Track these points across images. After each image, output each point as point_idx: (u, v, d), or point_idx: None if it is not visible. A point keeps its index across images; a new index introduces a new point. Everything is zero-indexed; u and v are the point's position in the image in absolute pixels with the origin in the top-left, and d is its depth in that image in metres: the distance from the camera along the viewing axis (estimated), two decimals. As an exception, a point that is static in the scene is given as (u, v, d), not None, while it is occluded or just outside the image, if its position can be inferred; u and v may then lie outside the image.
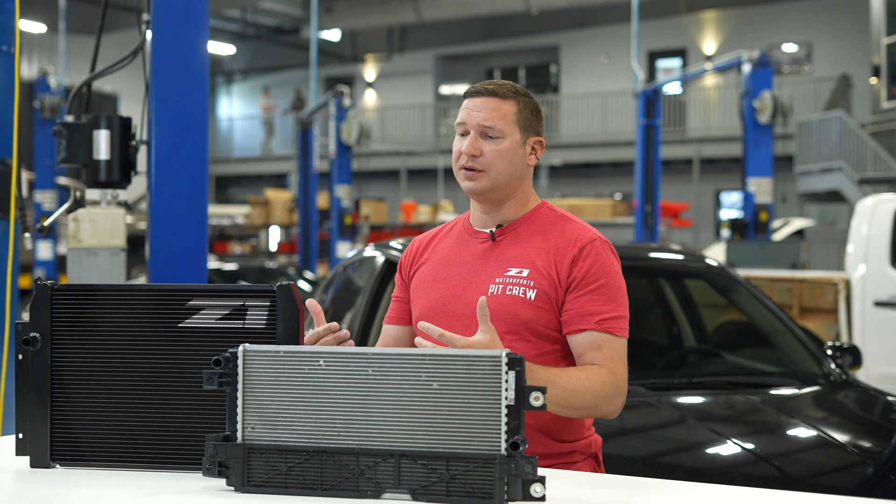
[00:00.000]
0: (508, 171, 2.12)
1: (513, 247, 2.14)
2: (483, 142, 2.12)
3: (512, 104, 2.13)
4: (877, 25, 15.32)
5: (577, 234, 2.11)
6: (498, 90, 2.13)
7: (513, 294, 2.07)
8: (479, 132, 2.12)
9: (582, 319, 2.04)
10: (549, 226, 2.15)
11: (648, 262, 4.35)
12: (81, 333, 1.86)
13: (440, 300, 2.14)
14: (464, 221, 2.26)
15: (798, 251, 9.59)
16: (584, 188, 23.52)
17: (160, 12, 3.94)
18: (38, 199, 14.11)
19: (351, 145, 13.20)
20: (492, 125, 2.11)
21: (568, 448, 2.11)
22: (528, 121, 2.15)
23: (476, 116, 2.12)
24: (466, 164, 2.13)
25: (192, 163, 3.99)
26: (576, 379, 1.96)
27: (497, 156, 2.11)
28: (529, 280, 2.07)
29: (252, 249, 19.60)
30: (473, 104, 2.14)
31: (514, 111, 2.13)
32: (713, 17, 23.50)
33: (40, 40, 23.60)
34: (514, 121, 2.13)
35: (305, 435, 1.63)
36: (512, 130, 2.12)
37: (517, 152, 2.13)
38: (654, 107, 12.26)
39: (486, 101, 2.12)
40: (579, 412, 2.00)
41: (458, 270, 2.16)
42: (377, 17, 23.78)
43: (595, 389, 1.97)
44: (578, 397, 1.96)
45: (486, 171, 2.11)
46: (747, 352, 4.32)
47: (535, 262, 2.09)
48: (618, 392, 2.02)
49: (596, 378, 1.98)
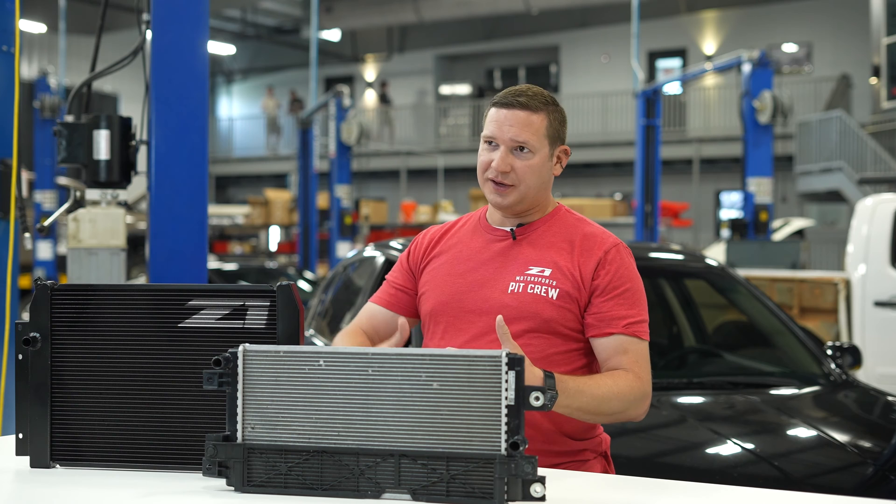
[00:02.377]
0: (537, 185, 2.12)
1: (534, 246, 2.14)
2: (513, 157, 2.09)
3: (542, 117, 2.10)
4: (877, 25, 15.32)
5: (601, 239, 2.13)
6: (530, 103, 2.09)
7: (534, 293, 2.07)
8: (510, 147, 2.09)
9: (609, 323, 2.06)
10: (569, 228, 2.16)
11: (648, 262, 4.34)
12: (81, 333, 1.86)
13: (456, 294, 2.13)
14: (480, 218, 2.25)
15: (798, 251, 9.58)
16: (584, 188, 23.51)
17: (160, 12, 3.94)
18: (38, 199, 14.11)
19: (351, 145, 13.20)
20: (525, 140, 2.08)
21: (580, 446, 2.12)
22: (557, 132, 2.13)
23: (508, 132, 2.08)
24: (496, 178, 2.10)
25: (192, 163, 3.99)
26: (605, 386, 1.97)
27: (528, 171, 2.09)
28: (552, 280, 2.08)
29: (252, 249, 19.60)
30: (504, 118, 2.09)
31: (545, 125, 2.10)
32: (713, 17, 23.50)
33: (40, 40, 23.61)
34: (545, 134, 2.10)
35: (305, 435, 1.63)
36: (542, 145, 2.10)
37: (546, 165, 2.12)
38: (654, 107, 12.26)
39: (517, 116, 2.08)
40: (608, 418, 2.01)
41: (475, 266, 2.15)
42: (377, 17, 23.78)
43: (623, 395, 1.99)
44: (608, 404, 1.97)
45: (515, 187, 2.10)
46: (747, 352, 4.32)
47: (558, 262, 2.10)
48: (644, 396, 2.04)
49: (624, 384, 2.00)
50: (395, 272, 2.28)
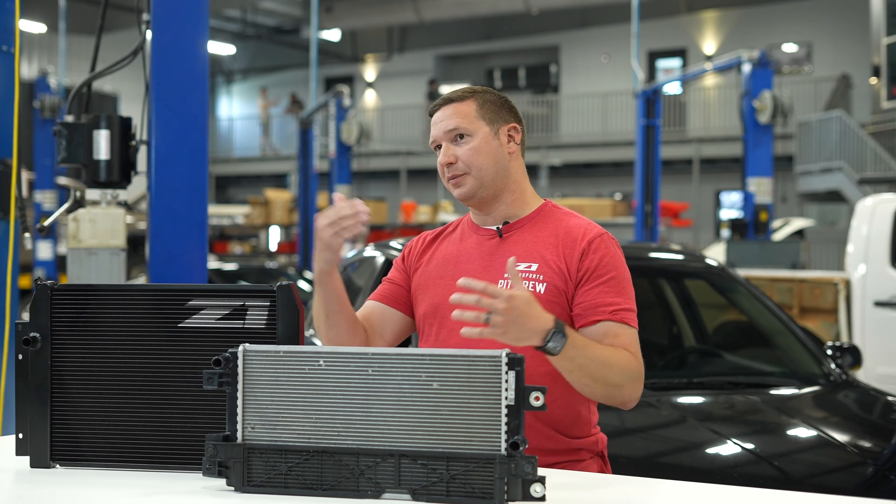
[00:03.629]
0: (490, 166, 2.15)
1: (520, 242, 2.16)
2: (455, 147, 2.16)
3: (470, 102, 2.18)
4: (877, 25, 15.32)
5: (585, 229, 2.13)
6: (453, 95, 2.20)
7: None
8: (449, 140, 2.17)
9: (595, 311, 2.06)
10: (555, 221, 2.17)
11: (648, 262, 4.35)
12: (81, 333, 1.86)
13: (446, 296, 2.11)
14: (467, 220, 2.28)
15: (798, 251, 9.58)
16: (584, 188, 23.51)
17: (160, 12, 3.94)
18: (38, 199, 14.11)
19: (351, 145, 13.20)
20: (455, 126, 2.15)
21: (576, 445, 2.12)
22: (492, 113, 2.18)
23: (440, 126, 2.18)
24: (448, 173, 2.17)
25: (192, 163, 3.99)
26: (608, 352, 1.97)
27: (471, 154, 2.14)
28: (539, 274, 2.09)
29: (252, 249, 19.60)
30: (436, 118, 2.20)
31: (474, 108, 2.17)
32: (713, 17, 23.49)
33: (40, 40, 23.60)
34: (477, 116, 2.17)
35: (305, 435, 1.63)
36: (477, 126, 2.16)
37: (490, 144, 2.16)
38: (654, 107, 12.26)
39: (445, 110, 2.19)
40: (605, 388, 1.98)
41: (465, 267, 2.17)
42: (377, 17, 23.77)
43: (624, 365, 1.99)
44: (609, 370, 1.96)
45: (468, 173, 2.15)
46: (747, 352, 4.32)
47: (544, 256, 2.11)
48: (640, 376, 2.04)
49: (624, 357, 2.00)
50: (392, 271, 2.32)
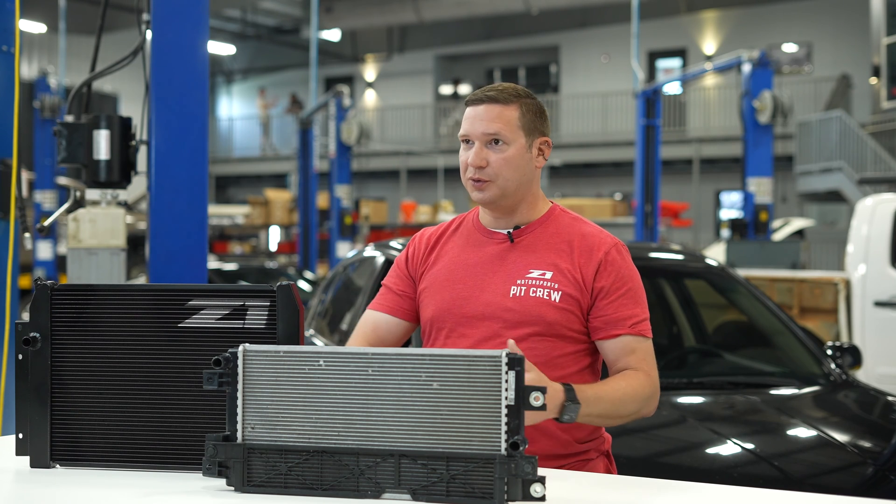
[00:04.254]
0: (517, 178, 2.09)
1: (532, 249, 2.12)
2: (488, 151, 2.08)
3: (514, 108, 2.09)
4: (877, 25, 15.32)
5: (599, 239, 2.12)
6: (499, 96, 2.09)
7: (537, 296, 2.06)
8: (484, 142, 2.08)
9: (615, 325, 2.06)
10: (566, 228, 2.14)
11: (648, 262, 4.34)
12: (81, 333, 1.86)
13: (456, 301, 2.11)
14: (473, 220, 2.22)
15: (798, 251, 9.58)
16: (584, 188, 23.51)
17: (160, 12, 3.94)
18: (38, 199, 14.11)
19: (351, 145, 13.20)
20: (496, 132, 2.07)
21: (583, 447, 2.12)
22: (532, 123, 2.11)
23: (479, 126, 2.08)
24: (474, 175, 2.09)
25: (192, 163, 3.99)
26: (620, 389, 1.99)
27: (504, 164, 2.07)
28: (553, 282, 2.07)
29: (252, 249, 19.60)
30: (475, 113, 2.09)
31: (517, 116, 2.09)
32: (713, 17, 23.49)
33: (40, 40, 23.60)
34: (519, 125, 2.09)
35: (305, 435, 1.63)
36: (517, 136, 2.08)
37: (524, 157, 2.10)
38: (654, 107, 12.26)
39: (488, 109, 2.08)
40: (626, 419, 2.02)
41: (474, 271, 2.13)
42: (377, 17, 23.77)
43: (638, 395, 2.01)
44: (625, 406, 1.99)
45: (493, 181, 2.08)
46: (747, 352, 4.32)
47: (558, 264, 2.09)
48: (655, 392, 2.06)
49: (637, 384, 2.02)
50: (394, 277, 2.25)
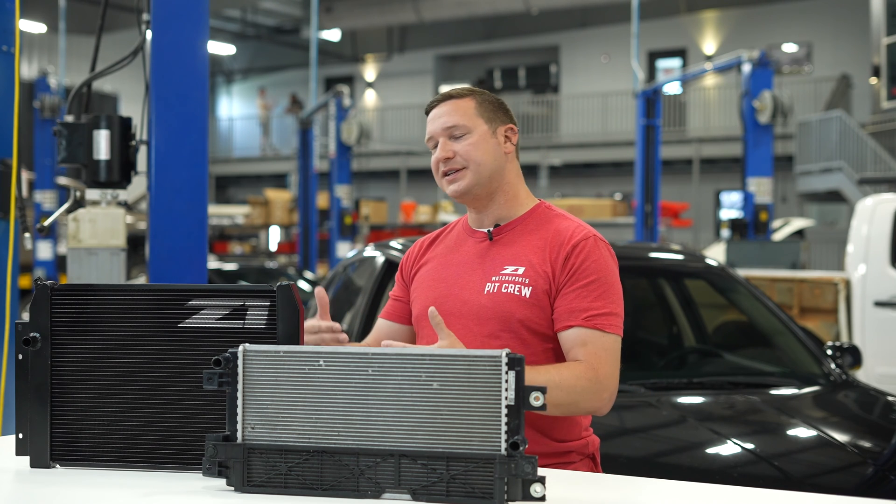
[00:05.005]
0: (487, 163, 2.15)
1: (509, 245, 2.15)
2: (452, 143, 2.16)
3: (469, 100, 2.18)
4: (877, 25, 15.31)
5: (572, 231, 2.11)
6: (452, 92, 2.20)
7: (508, 292, 2.07)
8: (447, 136, 2.16)
9: (570, 315, 2.04)
10: (544, 223, 2.16)
11: (648, 262, 4.35)
12: (81, 333, 1.86)
13: (438, 299, 2.16)
14: (463, 222, 2.28)
15: (798, 251, 9.58)
16: (584, 188, 23.51)
17: (160, 12, 3.94)
18: (38, 199, 14.11)
19: (351, 145, 13.20)
20: (454, 123, 2.15)
21: (565, 448, 2.11)
22: (490, 112, 2.19)
23: (438, 123, 2.17)
24: (445, 168, 2.16)
25: (192, 163, 3.99)
26: (546, 374, 1.94)
27: (470, 149, 2.14)
28: (525, 278, 2.08)
29: (252, 249, 19.59)
30: (434, 114, 2.19)
31: (472, 105, 2.17)
32: (713, 17, 23.49)
33: (40, 40, 23.60)
34: (476, 114, 2.17)
35: (305, 435, 1.63)
36: (476, 123, 2.16)
37: (489, 142, 2.16)
38: (654, 107, 12.26)
39: (443, 107, 2.18)
40: (558, 409, 1.97)
41: (456, 269, 2.18)
42: (377, 17, 23.78)
43: (568, 385, 1.95)
44: (551, 394, 1.90)
45: (465, 168, 2.14)
46: (747, 352, 4.32)
47: (531, 259, 2.10)
48: (600, 388, 1.99)
49: (569, 374, 1.96)
50: (395, 286, 2.34)
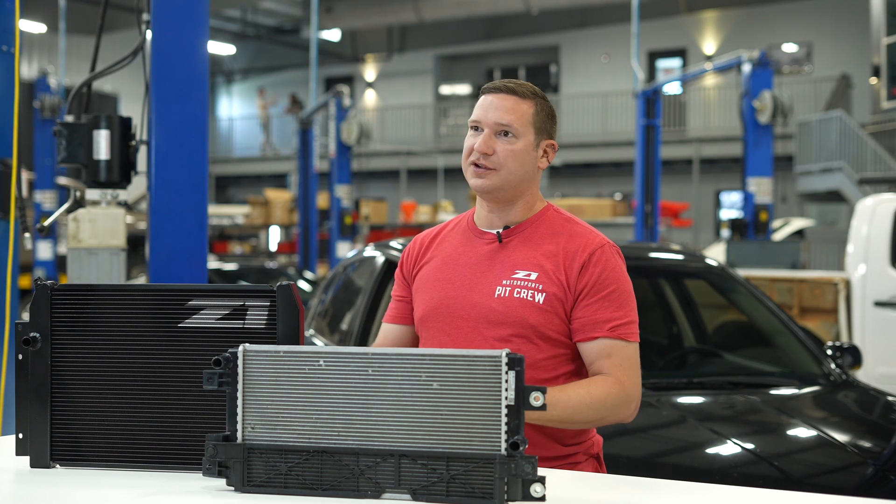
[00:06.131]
0: (519, 173, 2.09)
1: (520, 249, 2.11)
2: (496, 140, 2.08)
3: (530, 104, 2.10)
4: (877, 25, 15.31)
5: (587, 240, 2.09)
6: (518, 89, 2.10)
7: (521, 297, 2.05)
8: (495, 130, 2.09)
9: (594, 327, 2.03)
10: (557, 229, 2.13)
11: (648, 262, 4.35)
12: (81, 333, 1.86)
13: (444, 300, 2.12)
14: (468, 220, 2.22)
15: (798, 251, 9.58)
16: (584, 188, 23.51)
17: (160, 12, 3.94)
18: (38, 199, 14.10)
19: (351, 145, 13.20)
20: (508, 123, 2.07)
21: (570, 451, 2.11)
22: (543, 123, 2.12)
23: (493, 114, 2.08)
24: (477, 160, 2.09)
25: (192, 163, 3.99)
26: (576, 396, 1.95)
27: (509, 155, 2.08)
28: (538, 283, 2.05)
29: (252, 249, 19.60)
30: (491, 101, 2.10)
31: (531, 112, 2.10)
32: (713, 17, 23.49)
33: (40, 40, 23.60)
34: (531, 122, 2.10)
35: (305, 435, 1.63)
36: (527, 131, 2.09)
37: (529, 154, 2.10)
38: (654, 107, 12.26)
39: (504, 100, 2.09)
40: (589, 425, 2.00)
41: (463, 271, 2.13)
42: (377, 17, 23.78)
43: (598, 403, 1.97)
44: (581, 413, 1.96)
45: (496, 170, 2.08)
46: (747, 352, 4.32)
47: (544, 265, 2.07)
48: (627, 399, 2.01)
49: (598, 391, 1.97)
50: (396, 285, 2.28)
